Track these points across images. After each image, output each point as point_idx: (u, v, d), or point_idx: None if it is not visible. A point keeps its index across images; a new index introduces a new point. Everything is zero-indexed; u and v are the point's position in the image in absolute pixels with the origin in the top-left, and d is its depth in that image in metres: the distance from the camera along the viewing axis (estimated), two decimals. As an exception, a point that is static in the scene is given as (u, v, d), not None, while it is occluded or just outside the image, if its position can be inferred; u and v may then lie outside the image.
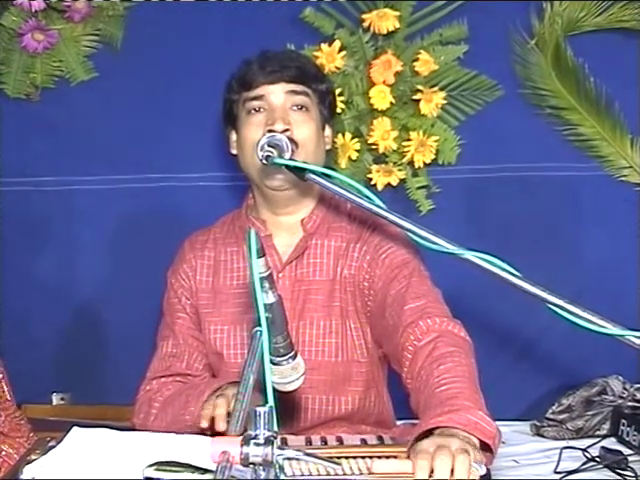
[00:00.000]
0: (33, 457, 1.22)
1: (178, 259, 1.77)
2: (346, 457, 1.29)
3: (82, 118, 2.27)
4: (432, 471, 1.11)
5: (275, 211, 1.71)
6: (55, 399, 2.29)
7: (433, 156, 2.22)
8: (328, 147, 1.75)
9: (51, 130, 2.27)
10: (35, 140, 2.28)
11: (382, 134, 2.21)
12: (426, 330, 1.44)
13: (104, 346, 2.33)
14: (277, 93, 1.65)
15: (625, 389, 2.11)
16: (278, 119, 1.61)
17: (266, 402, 0.99)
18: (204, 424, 1.42)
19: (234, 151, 1.73)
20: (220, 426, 1.39)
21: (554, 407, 2.11)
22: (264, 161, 1.50)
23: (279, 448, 0.95)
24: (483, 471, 1.14)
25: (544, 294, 1.25)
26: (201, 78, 2.17)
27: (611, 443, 1.95)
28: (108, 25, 2.24)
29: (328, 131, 1.74)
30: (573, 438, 2.04)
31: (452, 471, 1.11)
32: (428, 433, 1.21)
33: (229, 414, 1.38)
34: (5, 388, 1.67)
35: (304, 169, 1.48)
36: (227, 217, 1.80)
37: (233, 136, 1.73)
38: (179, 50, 2.24)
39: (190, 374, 1.69)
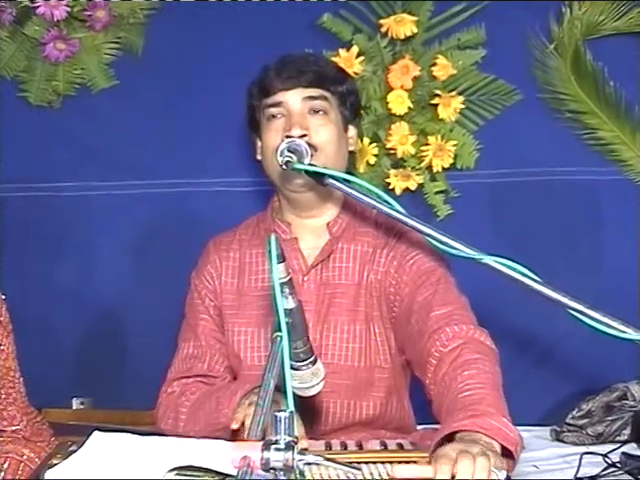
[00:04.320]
0: (54, 461, 1.23)
1: (202, 260, 1.76)
2: (366, 462, 1.29)
3: (103, 125, 2.29)
4: (453, 477, 1.11)
5: (299, 214, 1.70)
6: (75, 404, 2.29)
7: (451, 161, 2.22)
8: (352, 148, 1.73)
9: (72, 137, 2.29)
10: (56, 147, 2.30)
11: (400, 139, 2.21)
12: (452, 337, 1.44)
13: (124, 351, 2.34)
14: (294, 99, 1.64)
15: (646, 394, 2.10)
16: (295, 125, 1.61)
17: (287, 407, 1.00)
18: (234, 426, 1.41)
19: (259, 157, 1.73)
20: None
21: (574, 412, 2.10)
22: (284, 166, 1.51)
23: (299, 453, 0.96)
24: (503, 476, 1.13)
25: (564, 299, 1.25)
26: (220, 84, 2.18)
27: (632, 449, 1.93)
28: (129, 33, 2.26)
29: (352, 132, 1.73)
30: (593, 443, 2.02)
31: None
32: (450, 438, 1.20)
33: None
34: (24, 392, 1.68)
35: (323, 174, 1.49)
36: (252, 219, 1.80)
37: (258, 142, 1.72)
38: (199, 57, 2.25)
39: (212, 375, 1.68)
